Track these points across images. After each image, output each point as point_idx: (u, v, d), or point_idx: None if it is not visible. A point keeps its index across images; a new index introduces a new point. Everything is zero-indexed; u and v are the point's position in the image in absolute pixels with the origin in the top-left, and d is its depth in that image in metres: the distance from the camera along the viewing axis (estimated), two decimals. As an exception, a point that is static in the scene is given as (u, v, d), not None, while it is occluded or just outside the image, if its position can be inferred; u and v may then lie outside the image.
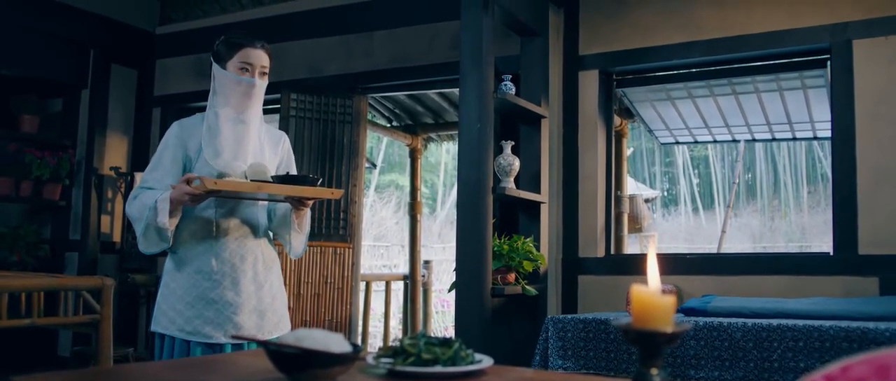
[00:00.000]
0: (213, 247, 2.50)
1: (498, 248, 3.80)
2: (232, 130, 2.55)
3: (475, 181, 3.61)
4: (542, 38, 4.26)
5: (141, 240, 2.44)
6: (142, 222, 2.41)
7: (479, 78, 3.64)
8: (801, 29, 4.00)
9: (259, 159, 2.60)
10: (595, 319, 3.24)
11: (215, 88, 2.58)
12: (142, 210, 2.42)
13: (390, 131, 6.35)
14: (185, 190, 2.35)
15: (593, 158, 4.45)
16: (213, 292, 2.47)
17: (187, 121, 2.59)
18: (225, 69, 2.55)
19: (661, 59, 4.34)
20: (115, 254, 5.90)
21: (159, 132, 6.07)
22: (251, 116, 2.58)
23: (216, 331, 2.45)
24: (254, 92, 2.55)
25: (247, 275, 2.54)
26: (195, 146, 2.52)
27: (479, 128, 3.62)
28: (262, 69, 2.57)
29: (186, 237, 2.50)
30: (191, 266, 2.48)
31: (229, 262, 2.51)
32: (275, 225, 2.68)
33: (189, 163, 2.52)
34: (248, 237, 2.58)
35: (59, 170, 5.69)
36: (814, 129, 4.83)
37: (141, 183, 2.51)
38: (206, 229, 2.51)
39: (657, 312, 0.87)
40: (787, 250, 17.13)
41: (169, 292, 2.50)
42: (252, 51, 2.56)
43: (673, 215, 21.06)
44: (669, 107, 4.86)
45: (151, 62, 6.15)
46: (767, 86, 4.43)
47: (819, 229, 17.43)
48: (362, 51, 5.30)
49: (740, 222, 19.36)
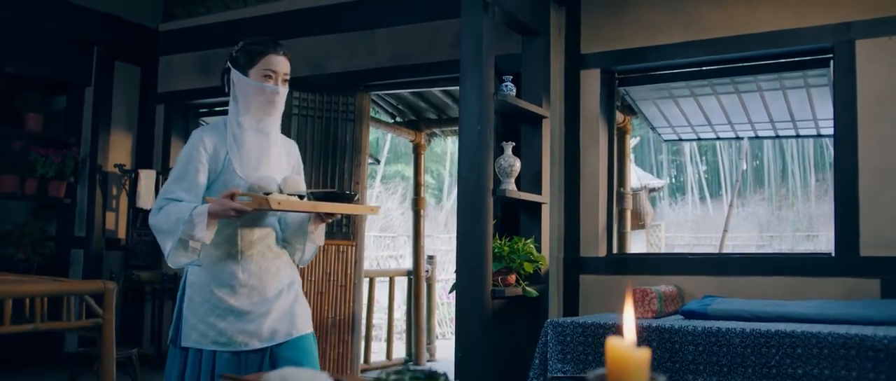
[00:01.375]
0: (238, 260, 2.44)
1: (498, 249, 3.81)
2: (255, 139, 2.49)
3: (475, 183, 3.62)
4: (543, 37, 4.24)
5: (170, 254, 2.34)
6: (173, 236, 2.31)
7: (479, 80, 3.63)
8: (804, 29, 3.98)
9: (279, 169, 2.56)
10: (594, 323, 3.25)
11: (235, 95, 2.49)
12: (173, 223, 2.31)
13: (393, 127, 6.36)
14: (230, 206, 2.27)
15: (595, 157, 4.45)
16: (242, 304, 2.42)
17: (210, 128, 2.50)
18: (246, 76, 2.47)
19: (663, 58, 4.32)
20: (120, 251, 5.93)
21: (163, 129, 6.10)
22: (271, 125, 2.52)
23: (250, 338, 2.42)
24: (277, 100, 2.48)
25: (272, 286, 2.51)
26: (221, 155, 2.44)
27: (480, 130, 3.62)
28: (284, 76, 2.50)
29: (210, 250, 2.42)
30: (217, 280, 2.42)
31: (256, 274, 2.46)
32: (289, 234, 2.61)
33: (214, 173, 2.44)
34: (271, 247, 2.53)
35: (63, 167, 5.72)
36: (817, 127, 4.81)
37: (165, 194, 2.40)
38: (230, 240, 2.44)
39: (632, 368, 0.87)
40: (794, 239, 17.09)
41: (196, 305, 2.43)
42: (275, 57, 2.48)
43: (680, 204, 21.02)
44: (672, 104, 4.84)
45: (155, 59, 6.16)
46: (770, 84, 4.41)
47: (826, 219, 17.36)
48: (364, 48, 5.29)
49: (747, 211, 19.32)
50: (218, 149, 2.44)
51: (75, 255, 5.86)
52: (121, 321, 5.66)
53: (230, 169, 2.43)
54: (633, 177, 7.84)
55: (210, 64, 5.92)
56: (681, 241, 17.70)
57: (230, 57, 2.54)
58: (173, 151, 6.08)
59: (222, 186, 2.42)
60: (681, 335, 3.07)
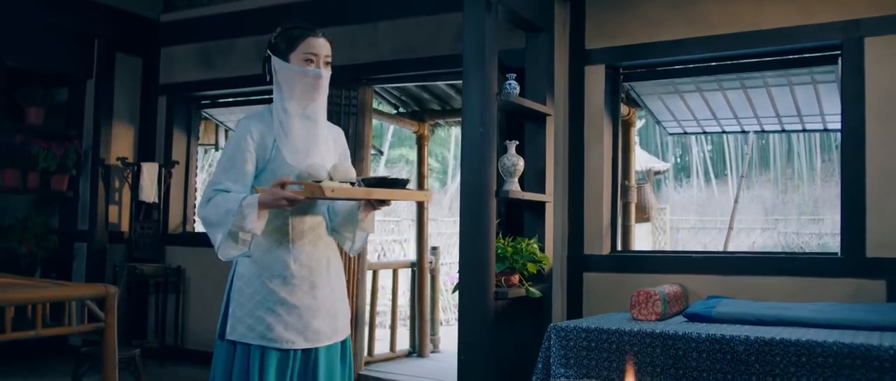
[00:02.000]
0: (290, 250, 2.41)
1: (501, 250, 3.78)
2: (302, 126, 2.45)
3: (477, 184, 3.59)
4: (547, 33, 4.19)
5: (221, 246, 2.30)
6: (224, 227, 2.27)
7: (482, 80, 3.59)
8: (812, 25, 3.92)
9: (327, 156, 2.52)
10: (598, 328, 3.23)
11: (278, 82, 2.45)
12: (222, 215, 2.28)
13: (396, 119, 6.31)
14: (282, 195, 2.23)
15: (599, 154, 4.41)
16: (293, 297, 2.40)
17: (256, 117, 2.45)
18: (287, 62, 2.43)
19: (668, 54, 4.27)
20: (123, 244, 5.93)
21: (165, 121, 6.07)
22: (317, 110, 2.48)
23: (297, 336, 2.40)
24: (320, 84, 2.45)
25: (322, 277, 2.49)
26: (268, 143, 2.40)
27: (483, 132, 3.58)
28: (325, 58, 2.46)
29: (260, 240, 2.39)
30: (269, 271, 2.39)
31: (307, 265, 2.44)
32: (338, 223, 2.57)
33: (262, 162, 2.41)
34: (321, 238, 2.51)
35: (65, 161, 5.70)
36: (824, 121, 4.76)
37: (212, 184, 2.37)
38: (281, 230, 2.42)
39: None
40: (799, 222, 17.02)
41: (245, 298, 2.39)
42: (315, 40, 2.44)
43: (685, 186, 20.96)
44: (677, 99, 4.79)
45: (156, 51, 6.12)
46: (777, 80, 4.36)
47: (832, 203, 17.27)
48: (367, 41, 5.24)
49: (752, 193, 19.25)
50: (265, 137, 2.40)
51: (78, 248, 5.85)
52: (124, 316, 5.68)
53: (279, 157, 2.40)
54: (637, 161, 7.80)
55: (212, 55, 5.88)
56: (686, 224, 17.66)
57: (269, 44, 2.48)
58: (176, 144, 6.06)
59: (271, 174, 2.40)
60: (685, 341, 3.05)
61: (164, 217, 5.98)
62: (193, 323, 5.82)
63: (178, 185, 6.09)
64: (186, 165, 6.14)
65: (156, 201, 5.89)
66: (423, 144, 6.54)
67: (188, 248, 5.89)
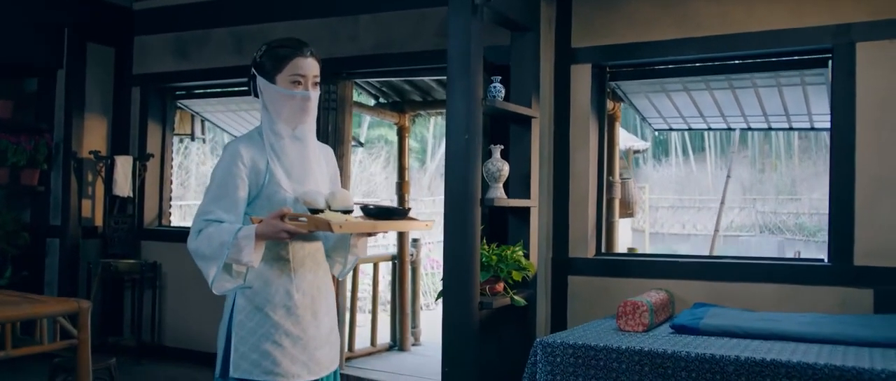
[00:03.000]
0: (292, 279, 2.32)
1: (486, 259, 3.71)
2: (293, 148, 2.35)
3: (462, 194, 3.50)
4: (533, 32, 4.09)
5: (215, 280, 2.19)
6: (218, 261, 2.17)
7: (467, 85, 3.49)
8: (802, 29, 3.85)
9: (320, 180, 2.41)
10: (585, 344, 3.17)
11: (264, 103, 2.35)
12: (215, 248, 2.17)
13: (377, 111, 6.20)
14: (283, 228, 2.14)
15: (585, 157, 4.33)
16: (297, 328, 2.31)
17: (244, 139, 2.34)
18: (274, 83, 2.32)
19: (656, 54, 4.19)
20: (97, 239, 5.78)
21: (140, 113, 5.91)
22: (306, 132, 2.37)
23: (302, 369, 2.31)
24: (309, 106, 2.34)
25: (323, 305, 2.40)
26: (261, 168, 2.29)
27: (467, 139, 3.48)
28: (314, 79, 2.35)
29: (260, 270, 2.28)
30: (271, 302, 2.28)
31: (309, 293, 2.35)
32: (330, 247, 2.48)
33: (256, 188, 2.29)
34: (320, 264, 2.42)
35: (36, 155, 5.54)
36: (811, 120, 4.71)
37: (202, 214, 2.24)
38: (282, 259, 2.31)
39: None
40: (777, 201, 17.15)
41: (247, 333, 2.27)
42: (303, 61, 2.32)
43: (664, 164, 21.01)
44: (664, 97, 4.72)
45: (129, 40, 5.94)
46: (766, 81, 4.29)
47: (809, 182, 17.43)
48: (347, 35, 5.11)
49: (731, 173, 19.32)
50: (256, 161, 2.29)
51: (51, 244, 5.71)
52: (99, 313, 5.57)
53: (273, 182, 2.29)
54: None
55: (187, 45, 5.72)
56: (665, 203, 17.73)
57: (254, 62, 2.37)
58: (150, 136, 5.90)
59: (266, 200, 2.30)
60: (673, 360, 3.00)
61: (139, 212, 5.84)
62: (171, 320, 5.71)
63: (154, 178, 5.94)
64: (162, 157, 5.99)
65: (130, 195, 5.75)
66: (404, 136, 6.43)
67: (164, 243, 5.77)
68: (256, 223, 2.18)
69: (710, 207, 18.54)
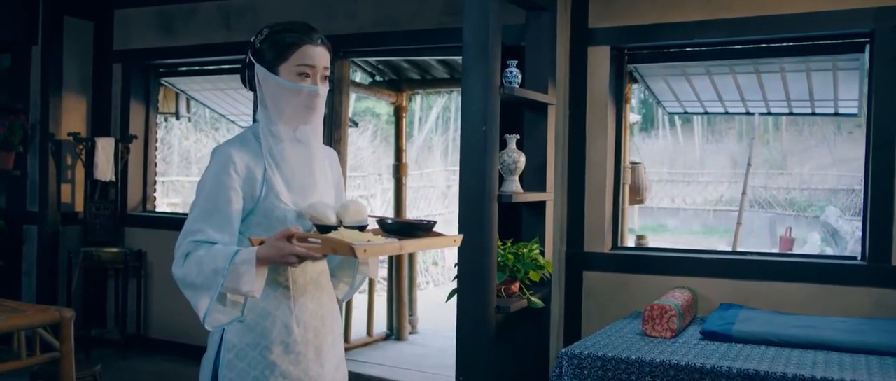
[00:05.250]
0: (292, 310, 1.96)
1: (502, 258, 3.46)
2: (295, 153, 2.00)
3: (479, 189, 3.23)
4: (549, 12, 3.80)
5: (208, 314, 1.84)
6: (211, 291, 1.82)
7: (485, 71, 3.21)
8: (840, 11, 3.58)
9: (326, 190, 2.08)
10: (615, 357, 2.94)
11: (263, 98, 1.98)
12: (208, 275, 1.81)
13: (373, 90, 5.88)
14: (291, 251, 1.78)
15: (603, 145, 4.07)
16: (297, 368, 1.97)
17: (237, 142, 1.97)
18: (276, 74, 1.95)
19: (680, 36, 3.92)
20: (78, 226, 5.47)
21: (121, 92, 5.56)
22: (310, 134, 2.01)
23: None
24: (317, 103, 1.97)
25: (328, 339, 2.06)
26: (257, 177, 1.93)
27: (485, 131, 3.21)
28: (324, 72, 1.98)
29: (257, 299, 1.93)
30: (267, 338, 1.93)
31: (311, 326, 2.00)
32: (335, 266, 2.14)
33: (251, 201, 1.93)
34: (323, 291, 2.07)
35: (11, 137, 5.19)
36: (836, 105, 4.47)
37: (189, 234, 1.88)
38: (279, 286, 1.96)
39: None
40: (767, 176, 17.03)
41: (238, 375, 1.93)
42: (312, 49, 1.95)
43: (651, 137, 20.81)
44: (683, 81, 4.46)
45: (109, 13, 5.57)
46: (795, 66, 4.04)
47: (799, 157, 17.32)
48: (344, 11, 4.79)
49: (719, 146, 19.20)
50: (252, 168, 1.93)
51: (28, 231, 5.39)
52: (81, 304, 5.27)
53: (271, 194, 1.94)
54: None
55: (172, 20, 5.36)
56: (655, 176, 17.55)
57: (252, 48, 1.99)
58: (133, 116, 5.56)
59: (262, 216, 1.94)
60: (713, 375, 2.77)
61: (122, 197, 5.52)
62: (157, 311, 5.43)
63: (137, 161, 5.62)
64: (145, 139, 5.65)
65: (112, 179, 5.43)
66: (400, 116, 6.13)
67: (149, 230, 5.46)
68: (257, 245, 1.84)
69: (699, 181, 18.43)
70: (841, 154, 17.29)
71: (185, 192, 12.26)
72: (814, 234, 12.68)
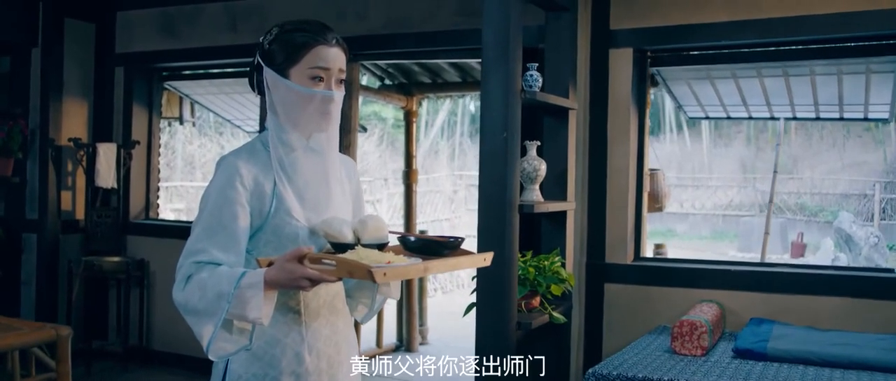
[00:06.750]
0: (303, 337, 1.80)
1: (523, 271, 3.28)
2: (308, 164, 1.83)
3: (499, 200, 3.07)
4: (570, 13, 3.63)
5: (211, 342, 1.68)
6: (214, 318, 1.66)
7: (505, 75, 3.04)
8: (876, 11, 3.41)
9: (343, 205, 1.90)
10: (645, 379, 2.77)
11: (273, 104, 1.81)
12: (211, 300, 1.66)
13: (383, 94, 5.72)
14: (303, 274, 1.61)
15: (625, 151, 3.91)
16: None
17: (244, 153, 1.81)
18: (286, 77, 1.79)
19: (706, 38, 3.75)
20: (78, 233, 5.31)
21: (124, 96, 5.41)
22: (325, 143, 1.84)
23: None
24: (331, 109, 1.81)
25: (343, 369, 1.89)
26: (267, 191, 1.77)
27: (505, 138, 3.04)
28: (339, 75, 1.82)
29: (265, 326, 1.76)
30: (276, 368, 1.77)
31: (325, 354, 1.84)
32: (352, 286, 1.96)
33: (260, 217, 1.78)
34: (339, 315, 1.89)
35: (9, 142, 5.04)
36: (866, 110, 4.30)
37: (191, 254, 1.72)
38: (290, 310, 1.80)
39: None
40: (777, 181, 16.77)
41: None
42: (326, 50, 1.79)
43: (660, 141, 20.61)
44: (707, 84, 4.29)
45: (111, 15, 5.41)
46: (825, 69, 3.87)
47: (809, 161, 17.11)
48: (355, 12, 4.63)
49: (728, 150, 18.98)
50: (261, 181, 1.77)
51: (28, 240, 5.23)
52: (82, 315, 5.11)
53: (282, 210, 1.77)
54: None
55: (175, 22, 5.21)
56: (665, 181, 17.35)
57: (261, 49, 1.83)
58: (136, 122, 5.40)
59: (272, 234, 1.77)
60: (752, 399, 2.61)
61: (124, 204, 5.36)
62: (160, 322, 5.26)
63: (140, 168, 5.46)
64: (148, 145, 5.50)
65: (114, 186, 5.26)
66: (411, 121, 5.97)
67: (152, 238, 5.30)
68: (265, 266, 1.66)
69: (707, 185, 18.21)
70: (850, 158, 17.09)
71: (190, 197, 12.11)
72: (827, 240, 12.48)
